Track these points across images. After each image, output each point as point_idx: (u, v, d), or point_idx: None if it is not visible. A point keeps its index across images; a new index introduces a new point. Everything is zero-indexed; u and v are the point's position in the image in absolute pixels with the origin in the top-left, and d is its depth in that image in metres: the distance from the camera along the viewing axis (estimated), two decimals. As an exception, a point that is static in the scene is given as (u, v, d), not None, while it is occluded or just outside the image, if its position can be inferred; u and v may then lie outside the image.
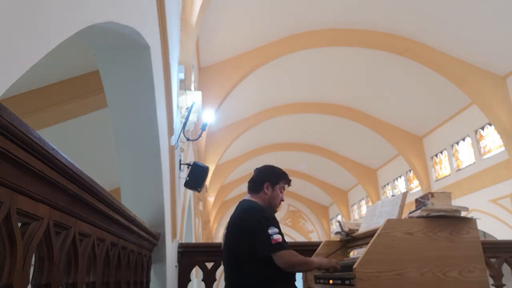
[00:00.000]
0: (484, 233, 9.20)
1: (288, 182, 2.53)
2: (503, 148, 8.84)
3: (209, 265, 3.50)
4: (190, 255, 3.57)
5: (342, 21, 9.00)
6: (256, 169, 2.56)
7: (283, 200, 2.51)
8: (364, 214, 7.65)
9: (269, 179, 2.45)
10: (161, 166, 2.81)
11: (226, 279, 2.34)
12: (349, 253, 2.66)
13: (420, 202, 2.20)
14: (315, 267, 2.28)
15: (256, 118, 12.27)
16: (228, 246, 2.35)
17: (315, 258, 2.41)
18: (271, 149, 14.96)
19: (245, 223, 2.25)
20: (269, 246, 2.11)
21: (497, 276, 3.25)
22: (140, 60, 2.34)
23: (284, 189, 2.51)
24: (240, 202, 2.45)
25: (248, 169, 13.64)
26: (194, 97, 4.50)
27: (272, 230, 2.14)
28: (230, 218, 2.41)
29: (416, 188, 12.79)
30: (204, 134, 8.02)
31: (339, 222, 2.81)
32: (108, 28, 1.83)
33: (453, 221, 2.08)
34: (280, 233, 2.17)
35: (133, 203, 2.72)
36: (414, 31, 8.80)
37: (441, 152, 11.67)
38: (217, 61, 9.38)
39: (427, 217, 2.08)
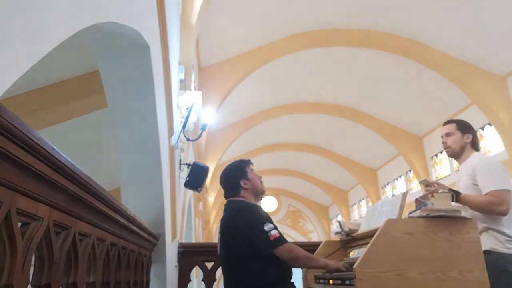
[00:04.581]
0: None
1: (249, 162, 2.53)
2: (503, 148, 8.83)
3: (209, 265, 3.51)
4: (190, 255, 3.58)
5: (342, 21, 9.00)
6: (221, 182, 2.52)
7: (261, 178, 2.51)
8: (364, 214, 7.65)
9: (239, 176, 2.43)
10: (161, 166, 2.81)
11: (224, 282, 2.34)
12: (349, 253, 2.65)
13: (420, 202, 2.20)
14: (321, 265, 2.27)
15: (256, 118, 12.26)
16: (224, 249, 2.34)
17: (322, 258, 2.40)
18: (271, 149, 14.96)
19: (239, 225, 2.24)
20: (269, 243, 2.12)
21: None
22: (140, 60, 2.34)
23: (253, 170, 2.50)
24: (228, 204, 2.42)
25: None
26: (194, 97, 4.50)
27: (268, 227, 2.15)
28: (221, 222, 2.39)
29: (416, 188, 12.78)
30: (204, 134, 8.02)
31: (339, 222, 2.81)
32: (108, 28, 1.83)
33: (453, 221, 2.08)
34: (276, 228, 2.17)
35: (133, 203, 2.72)
36: (414, 31, 8.79)
37: (441, 152, 11.66)
38: (217, 61, 9.38)
39: (427, 217, 2.08)
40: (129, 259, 2.21)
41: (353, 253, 2.57)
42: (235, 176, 2.44)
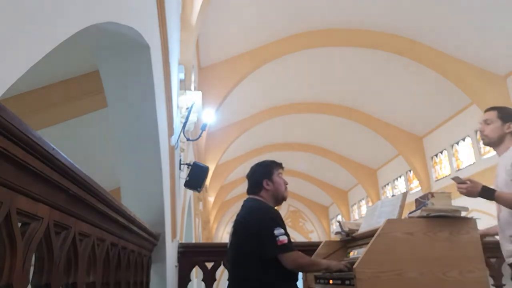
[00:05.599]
0: (484, 233, 9.20)
1: (280, 165, 2.52)
2: (503, 148, 8.83)
3: (209, 265, 3.50)
4: (190, 255, 3.57)
5: (342, 21, 9.01)
6: (247, 175, 2.54)
7: (287, 184, 2.49)
8: (364, 214, 7.64)
9: (264, 176, 2.44)
10: (161, 166, 2.81)
11: (229, 279, 2.34)
12: (349, 253, 2.66)
13: (420, 202, 2.20)
14: (323, 268, 2.27)
15: (256, 118, 12.27)
16: (233, 245, 2.35)
17: (324, 260, 2.41)
18: (271, 149, 14.96)
19: (251, 224, 2.25)
20: (275, 247, 2.11)
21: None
22: (140, 60, 2.34)
23: (281, 174, 2.49)
24: (246, 201, 2.44)
25: (248, 169, 13.62)
26: (194, 97, 4.50)
27: (278, 231, 2.14)
28: (236, 218, 2.41)
29: (416, 188, 12.78)
30: (204, 134, 8.02)
31: (339, 222, 2.81)
32: (108, 28, 1.83)
33: (453, 221, 2.08)
34: (286, 233, 2.17)
35: (133, 203, 2.72)
36: (414, 31, 8.80)
37: (441, 152, 11.67)
38: (217, 61, 9.39)
39: (427, 217, 2.08)
40: (129, 259, 2.21)
41: (353, 253, 2.57)
42: (260, 175, 2.45)
